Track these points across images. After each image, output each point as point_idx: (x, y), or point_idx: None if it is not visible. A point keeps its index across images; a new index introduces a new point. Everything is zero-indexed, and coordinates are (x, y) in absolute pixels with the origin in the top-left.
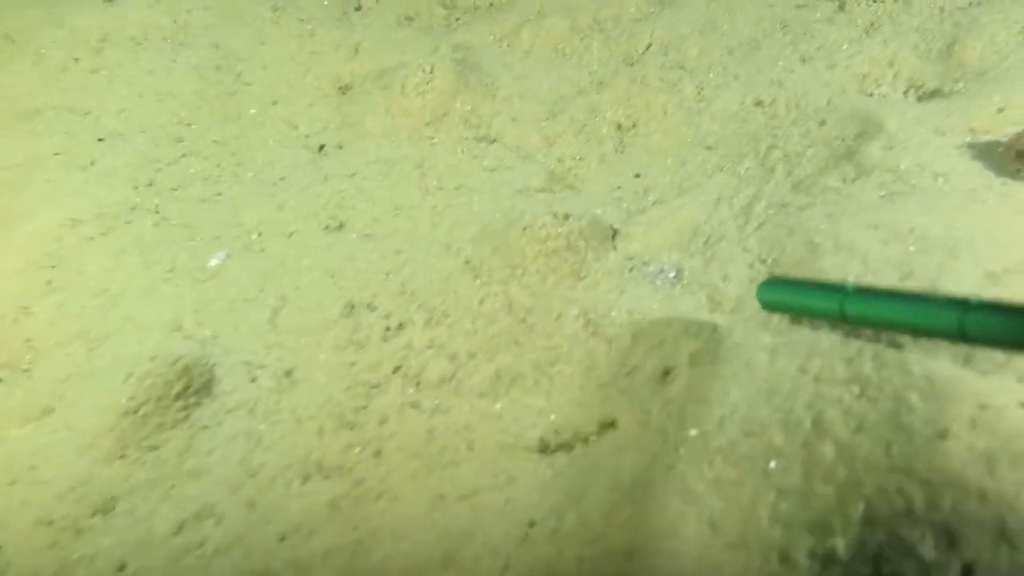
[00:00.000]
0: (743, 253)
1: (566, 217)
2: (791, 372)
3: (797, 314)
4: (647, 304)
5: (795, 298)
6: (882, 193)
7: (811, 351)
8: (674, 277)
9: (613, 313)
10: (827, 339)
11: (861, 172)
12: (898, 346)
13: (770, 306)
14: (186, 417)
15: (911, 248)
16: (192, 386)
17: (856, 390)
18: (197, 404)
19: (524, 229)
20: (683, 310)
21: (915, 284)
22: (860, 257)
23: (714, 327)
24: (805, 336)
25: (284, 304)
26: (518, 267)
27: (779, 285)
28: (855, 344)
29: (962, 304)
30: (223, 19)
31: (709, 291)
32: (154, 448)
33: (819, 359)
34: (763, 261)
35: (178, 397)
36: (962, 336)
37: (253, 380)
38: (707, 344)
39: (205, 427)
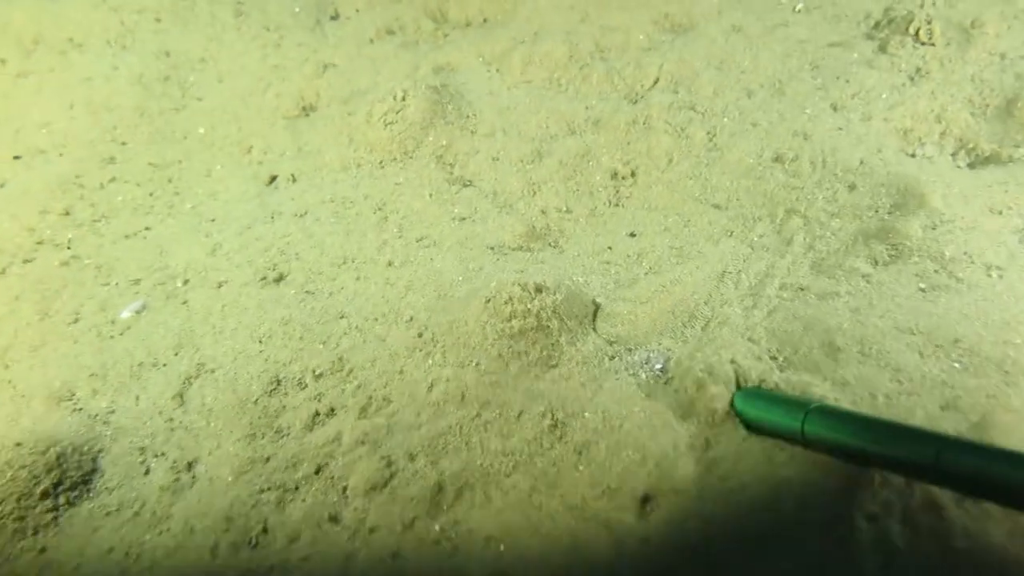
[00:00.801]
0: (748, 345)
1: (538, 291)
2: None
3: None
4: (628, 405)
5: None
6: (921, 286)
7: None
8: (660, 369)
9: (587, 414)
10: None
11: (896, 255)
12: None
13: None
14: (53, 521)
15: (956, 364)
16: (66, 481)
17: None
18: (69, 505)
19: (487, 301)
20: (670, 416)
21: (959, 417)
22: (891, 371)
23: (706, 443)
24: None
25: (199, 373)
26: (477, 348)
27: (753, 398)
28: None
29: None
30: (177, 22)
31: (702, 392)
32: (7, 560)
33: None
34: (773, 357)
35: (45, 495)
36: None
37: (146, 473)
38: (696, 465)
39: (73, 536)
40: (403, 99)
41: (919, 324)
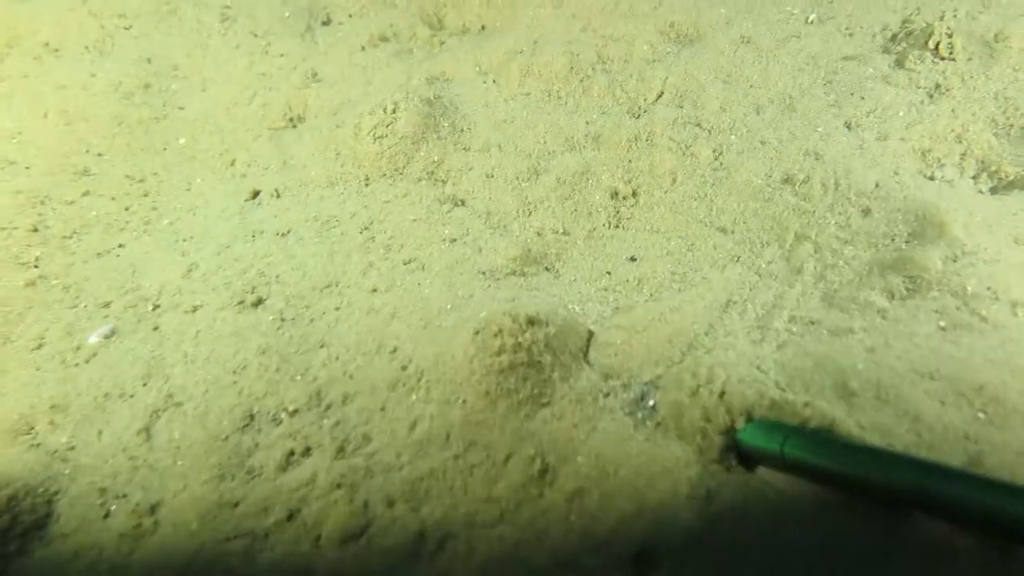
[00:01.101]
0: (754, 383)
1: (530, 323)
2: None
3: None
4: (624, 448)
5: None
6: (942, 324)
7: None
8: (653, 407)
9: (579, 458)
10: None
11: (914, 289)
12: None
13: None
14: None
15: (980, 415)
16: (17, 526)
17: None
18: (19, 553)
19: (475, 334)
20: (670, 460)
21: (984, 473)
22: (909, 420)
23: (707, 494)
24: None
25: (167, 406)
26: (464, 384)
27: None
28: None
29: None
30: (160, 26)
31: (702, 432)
32: None
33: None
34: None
35: None
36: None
37: (105, 517)
38: (697, 518)
39: None
40: (394, 112)
41: (940, 368)
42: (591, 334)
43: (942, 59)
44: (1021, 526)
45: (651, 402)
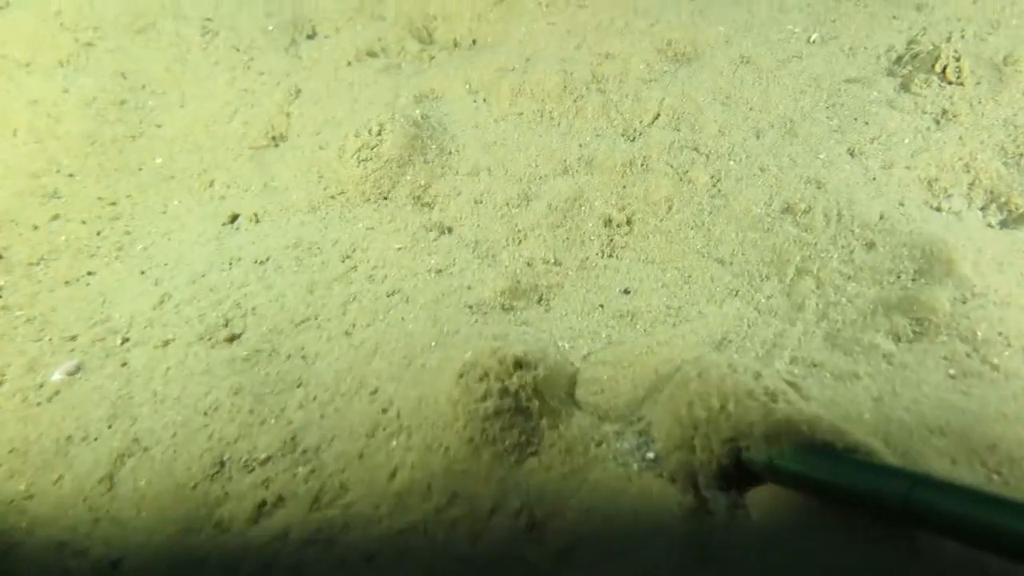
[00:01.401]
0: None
1: (517, 366)
2: None
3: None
4: (616, 502)
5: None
6: (951, 372)
7: None
8: (653, 460)
9: (569, 513)
10: None
11: (922, 332)
12: None
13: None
14: None
15: (994, 476)
16: None
17: None
18: None
19: (460, 376)
20: (666, 516)
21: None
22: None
23: (704, 555)
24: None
25: (134, 450)
26: (447, 430)
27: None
28: None
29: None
30: (137, 40)
31: (701, 483)
32: None
33: None
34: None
35: None
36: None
37: (64, 575)
38: None
39: None
40: (379, 133)
41: (950, 422)
42: (578, 371)
43: (949, 83)
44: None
45: (649, 455)
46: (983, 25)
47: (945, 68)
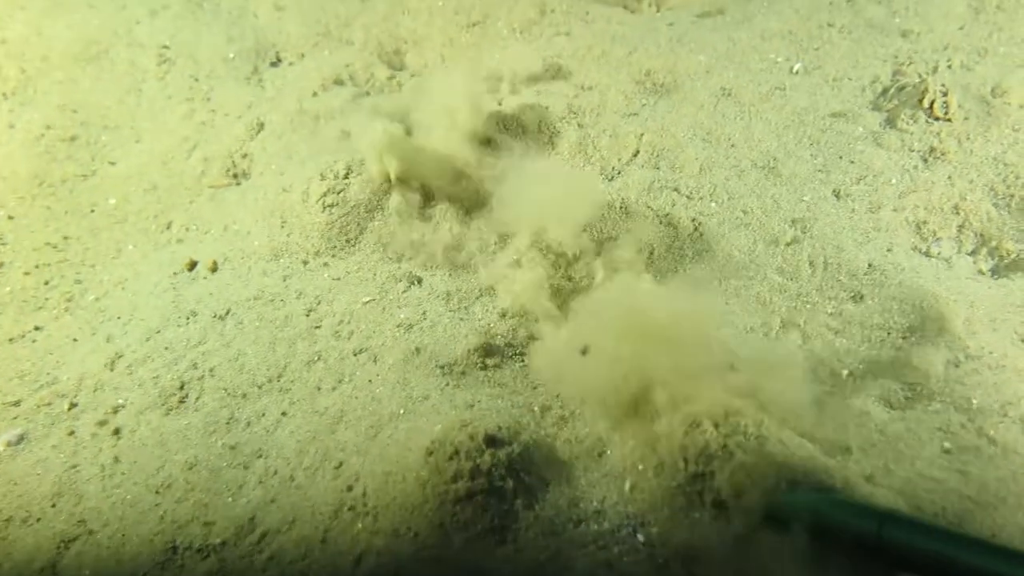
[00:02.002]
0: None
1: (490, 442)
2: None
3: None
4: None
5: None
6: (947, 445)
7: None
8: (644, 543)
9: None
10: None
11: (915, 397)
12: None
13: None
14: None
15: None
16: None
17: None
18: None
19: (429, 454)
20: None
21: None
22: None
23: None
24: None
25: (79, 533)
26: (415, 513)
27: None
28: None
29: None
30: (88, 70)
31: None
32: None
33: None
34: None
35: None
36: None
37: None
38: None
39: None
40: (346, 176)
41: (947, 506)
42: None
43: (937, 119)
44: None
45: (640, 537)
46: (970, 53)
47: (932, 103)
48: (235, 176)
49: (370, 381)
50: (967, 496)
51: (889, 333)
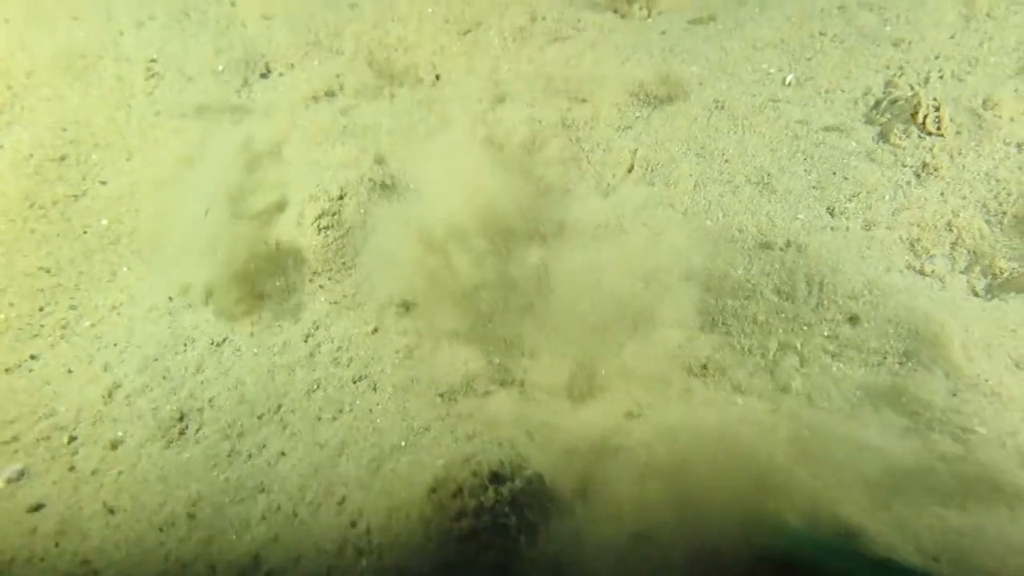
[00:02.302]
0: None
1: (493, 478)
2: None
3: None
4: None
5: None
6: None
7: None
8: None
9: None
10: None
11: (915, 425)
12: None
13: None
14: None
15: None
16: None
17: None
18: None
19: (432, 492)
20: None
21: None
22: None
23: None
24: None
25: (80, 569)
26: (419, 551)
27: None
28: None
29: None
30: (76, 86)
31: None
32: None
33: None
34: None
35: None
36: None
37: None
38: None
39: None
40: (340, 197)
41: (946, 549)
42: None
43: (929, 134)
44: None
45: None
46: (961, 63)
47: (925, 119)
48: (230, 198)
49: (370, 410)
50: (966, 536)
51: (886, 358)
